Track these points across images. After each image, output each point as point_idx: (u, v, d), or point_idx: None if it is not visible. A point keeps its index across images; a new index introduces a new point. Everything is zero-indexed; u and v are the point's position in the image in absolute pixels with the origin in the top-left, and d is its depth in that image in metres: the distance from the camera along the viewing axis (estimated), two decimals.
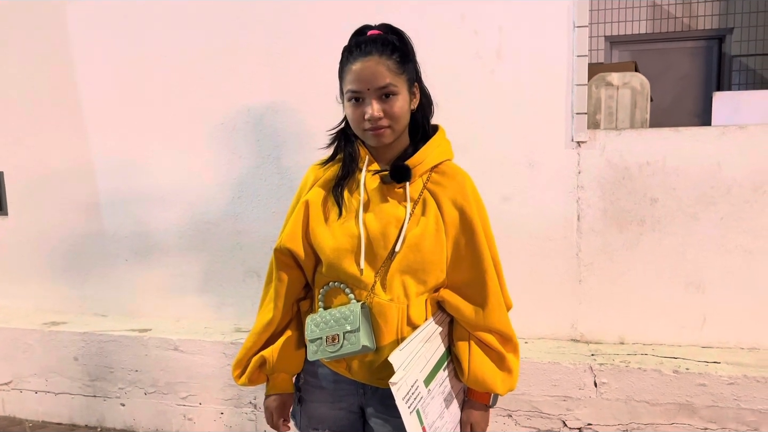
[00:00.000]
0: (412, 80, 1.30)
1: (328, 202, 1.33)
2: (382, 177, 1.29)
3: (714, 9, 5.12)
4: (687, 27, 5.22)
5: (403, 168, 1.27)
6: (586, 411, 2.15)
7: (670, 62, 5.33)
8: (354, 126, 1.28)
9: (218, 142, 2.58)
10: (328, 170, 1.36)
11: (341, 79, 1.29)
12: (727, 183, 2.13)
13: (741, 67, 5.12)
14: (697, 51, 5.35)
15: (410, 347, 1.26)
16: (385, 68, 1.22)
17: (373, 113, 1.22)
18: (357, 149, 1.33)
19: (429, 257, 1.28)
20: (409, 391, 1.22)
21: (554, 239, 2.30)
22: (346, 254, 1.29)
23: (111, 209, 2.76)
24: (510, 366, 1.35)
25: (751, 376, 1.99)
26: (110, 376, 2.66)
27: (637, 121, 2.42)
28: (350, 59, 1.25)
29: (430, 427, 1.26)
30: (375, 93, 1.22)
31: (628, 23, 5.31)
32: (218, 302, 2.71)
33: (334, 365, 1.37)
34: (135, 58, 2.61)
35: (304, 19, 2.40)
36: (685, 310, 2.23)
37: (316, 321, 1.32)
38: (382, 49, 1.24)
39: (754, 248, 2.14)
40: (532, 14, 2.20)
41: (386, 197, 1.30)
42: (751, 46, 5.07)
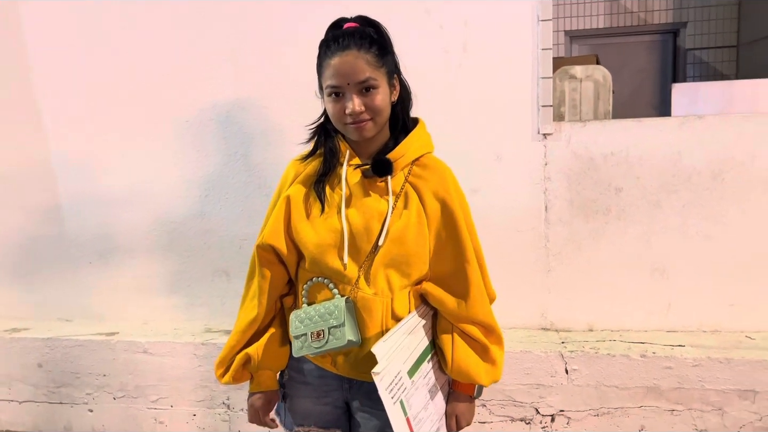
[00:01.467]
0: (391, 72, 1.30)
1: (310, 197, 1.33)
2: (364, 171, 1.29)
3: (668, 4, 5.26)
4: (643, 21, 5.36)
5: (384, 162, 1.28)
6: (558, 398, 2.19)
7: (628, 55, 5.46)
8: (335, 120, 1.28)
9: (184, 140, 2.54)
10: (309, 165, 1.36)
11: (320, 74, 1.28)
12: (687, 171, 2.19)
13: (695, 59, 5.27)
14: (653, 45, 5.50)
15: (393, 339, 1.27)
16: (364, 62, 1.22)
17: (354, 108, 1.22)
18: (337, 144, 1.33)
19: (412, 250, 1.29)
20: (392, 381, 1.23)
21: (523, 230, 2.33)
22: (329, 249, 1.29)
23: (73, 211, 2.69)
24: (494, 357, 1.36)
25: (714, 358, 2.06)
26: (77, 381, 2.60)
27: (600, 113, 2.47)
28: (328, 53, 1.24)
29: (414, 418, 1.27)
30: (355, 87, 1.22)
31: (587, 18, 5.41)
32: (187, 303, 2.66)
33: (319, 360, 1.37)
34: (96, 56, 2.53)
35: (268, 15, 2.38)
36: (650, 296, 2.29)
37: (301, 317, 1.32)
38: (361, 42, 1.23)
39: (713, 234, 2.21)
40: (496, 8, 2.22)
41: (368, 191, 1.30)
42: (704, 39, 5.22)
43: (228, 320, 2.61)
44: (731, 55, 5.17)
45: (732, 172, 2.16)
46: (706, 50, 5.24)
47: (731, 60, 5.18)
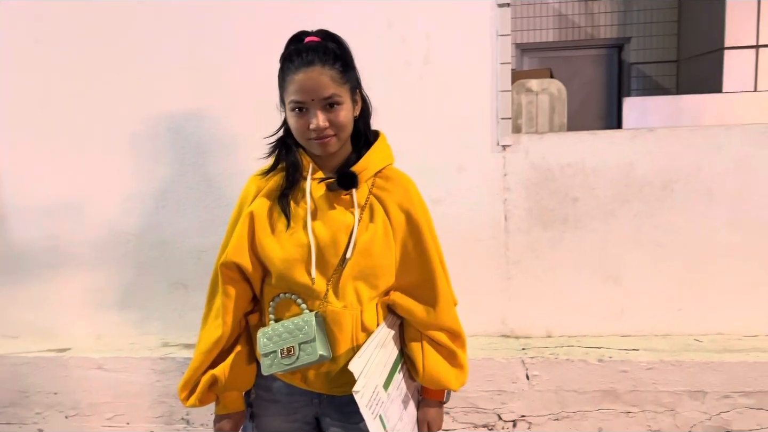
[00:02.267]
0: (354, 88, 1.30)
1: (274, 212, 1.32)
2: (329, 185, 1.29)
3: (613, 19, 5.48)
4: (590, 36, 5.56)
5: (350, 174, 1.28)
6: (520, 403, 2.24)
7: (576, 69, 5.65)
8: (298, 135, 1.28)
9: (138, 149, 2.48)
10: (270, 180, 1.34)
11: (282, 88, 1.28)
12: (639, 182, 2.28)
13: (638, 73, 5.50)
14: (599, 58, 5.71)
15: (367, 354, 1.28)
16: (328, 78, 1.22)
17: (319, 123, 1.21)
18: (299, 158, 1.33)
19: (379, 262, 1.30)
20: (371, 397, 1.24)
21: (483, 239, 2.38)
22: (296, 264, 1.28)
23: (19, 223, 2.58)
24: (461, 362, 1.40)
25: (666, 361, 2.15)
26: (25, 401, 2.49)
27: (555, 125, 2.55)
28: (291, 68, 1.23)
29: (392, 430, 1.28)
30: (320, 103, 1.22)
31: (537, 32, 5.58)
32: (142, 316, 2.59)
33: (288, 377, 1.36)
34: (46, 63, 2.45)
35: (227, 24, 2.35)
36: (604, 303, 2.37)
37: (269, 334, 1.30)
38: (325, 58, 1.23)
39: (664, 242, 2.31)
40: (457, 22, 2.26)
41: (333, 204, 1.30)
42: (647, 54, 5.46)
43: (186, 334, 2.56)
44: (672, 70, 5.42)
45: (680, 182, 2.27)
46: (648, 64, 5.48)
47: (672, 74, 5.42)
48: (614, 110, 5.62)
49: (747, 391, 2.13)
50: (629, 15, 5.44)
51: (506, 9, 2.24)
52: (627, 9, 5.44)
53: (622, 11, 5.45)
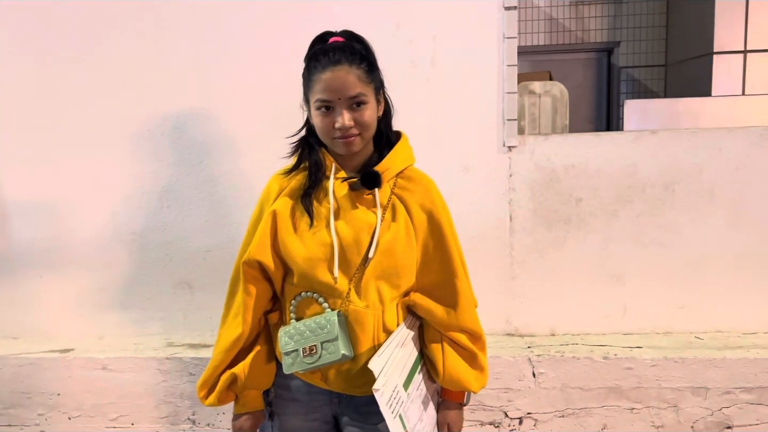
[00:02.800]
0: (378, 88, 1.33)
1: (297, 211, 1.32)
2: (352, 184, 1.30)
3: (603, 23, 5.55)
4: (580, 40, 5.62)
5: (373, 174, 1.29)
6: (526, 401, 2.27)
7: (566, 72, 5.71)
8: (323, 134, 1.29)
9: (143, 148, 2.47)
10: (293, 179, 1.35)
11: (307, 87, 1.29)
12: (642, 183, 2.33)
13: (628, 77, 5.57)
14: (589, 62, 5.77)
15: (387, 353, 1.29)
16: (355, 77, 1.24)
17: (344, 122, 1.23)
18: (322, 157, 1.33)
19: (402, 261, 1.31)
20: (391, 396, 1.25)
21: (488, 239, 2.41)
22: (319, 263, 1.29)
23: (22, 222, 2.56)
24: (482, 363, 1.41)
25: (669, 358, 2.19)
26: (27, 402, 2.46)
27: (558, 126, 2.59)
28: (318, 67, 1.24)
29: (412, 430, 1.29)
30: (346, 102, 1.23)
31: (528, 35, 5.63)
32: (147, 317, 2.58)
33: (308, 376, 1.36)
34: (50, 61, 2.43)
35: (233, 25, 2.36)
36: (608, 301, 2.41)
37: (290, 333, 1.31)
38: (351, 58, 1.25)
39: (665, 242, 2.36)
40: (464, 24, 2.29)
41: (356, 204, 1.31)
42: (636, 58, 5.54)
43: (191, 334, 2.55)
44: (660, 74, 5.50)
45: (682, 183, 2.32)
46: (637, 68, 5.56)
47: (660, 78, 5.50)
48: (603, 114, 5.69)
49: (747, 387, 2.19)
50: (619, 19, 5.51)
51: (513, 12, 2.27)
52: (617, 13, 5.51)
53: (612, 15, 5.52)
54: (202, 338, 2.51)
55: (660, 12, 5.43)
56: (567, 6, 5.53)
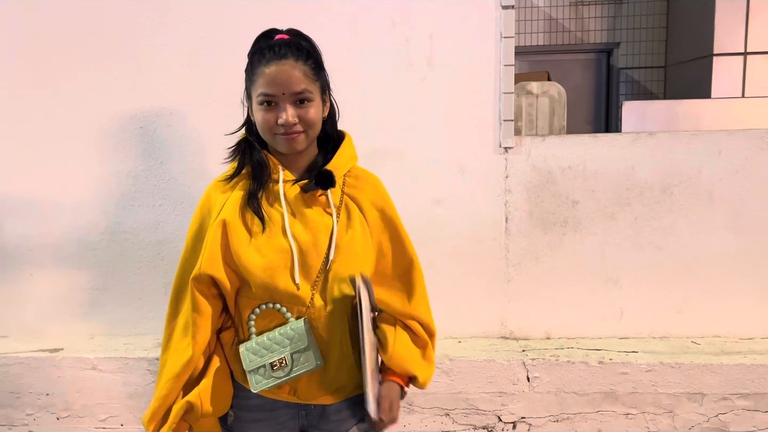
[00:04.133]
0: (324, 88, 1.28)
1: (247, 219, 1.24)
2: (304, 186, 1.25)
3: (603, 24, 5.52)
4: (579, 40, 5.59)
5: (327, 174, 1.24)
6: (520, 405, 2.24)
7: (565, 73, 5.68)
8: (264, 130, 1.23)
9: (136, 147, 2.44)
10: (237, 186, 1.27)
11: (250, 82, 1.24)
12: (640, 185, 2.30)
13: (627, 78, 5.55)
14: (588, 63, 5.75)
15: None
16: (301, 73, 1.20)
17: (288, 118, 1.18)
18: (265, 158, 1.27)
19: (361, 261, 1.27)
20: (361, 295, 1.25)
21: (484, 241, 2.38)
22: (278, 271, 1.22)
23: (11, 220, 2.53)
24: (430, 356, 1.38)
25: (666, 363, 2.16)
26: (16, 402, 2.43)
27: (555, 127, 2.57)
28: (263, 61, 1.20)
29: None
30: (290, 98, 1.19)
31: (527, 35, 5.60)
32: (138, 316, 2.55)
33: (272, 392, 1.29)
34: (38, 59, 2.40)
35: (226, 22, 2.33)
36: (604, 305, 2.38)
37: (254, 349, 1.24)
38: (298, 53, 1.21)
39: (663, 245, 2.33)
40: (461, 24, 2.26)
41: (309, 206, 1.26)
42: (636, 59, 5.51)
43: None
44: (660, 75, 5.48)
45: (680, 186, 2.29)
46: (636, 69, 5.53)
47: (660, 80, 5.48)
48: (602, 115, 5.67)
49: (744, 393, 2.16)
50: (619, 20, 5.49)
51: (510, 11, 2.24)
52: (617, 14, 5.49)
53: (612, 16, 5.50)
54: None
55: (660, 13, 5.41)
56: (566, 6, 5.50)
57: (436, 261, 2.36)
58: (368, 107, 2.29)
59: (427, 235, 2.34)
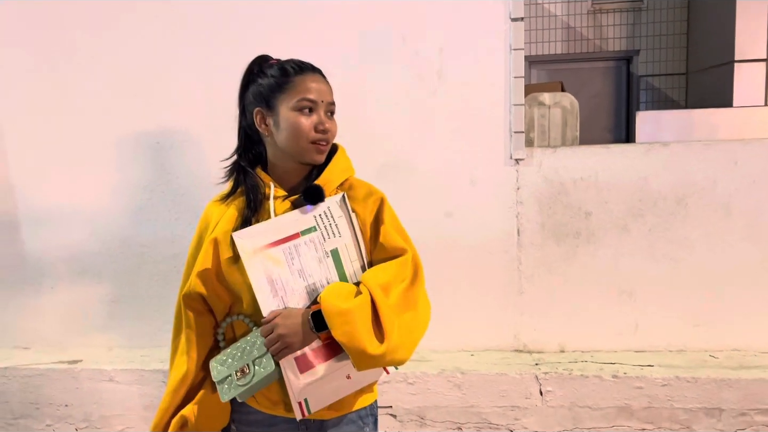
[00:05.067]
0: None
1: None
2: (294, 201, 1.26)
3: (622, 32, 5.49)
4: (598, 48, 5.56)
5: (315, 188, 1.25)
6: (533, 419, 2.22)
7: (584, 81, 5.65)
8: (298, 137, 1.22)
9: (153, 162, 2.49)
10: (231, 205, 1.29)
11: (280, 91, 1.23)
12: (653, 196, 2.28)
13: (647, 86, 5.50)
14: (607, 71, 5.71)
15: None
16: (329, 87, 1.26)
17: (326, 125, 1.22)
18: (258, 179, 1.27)
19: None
20: (336, 219, 1.23)
21: (496, 253, 2.37)
22: None
23: (32, 234, 2.59)
24: (358, 303, 1.17)
25: (682, 377, 2.13)
26: (36, 412, 2.48)
27: (568, 138, 2.55)
28: (297, 72, 1.23)
29: (295, 246, 1.23)
30: (325, 107, 1.24)
31: (545, 44, 5.58)
32: (155, 328, 2.59)
33: (270, 408, 1.30)
34: (59, 76, 2.47)
35: (242, 39, 2.37)
36: (619, 317, 2.35)
37: (221, 360, 1.24)
38: (321, 73, 1.28)
39: (678, 257, 2.30)
40: (470, 37, 2.27)
41: None
42: (656, 66, 5.46)
43: None
44: (681, 82, 5.42)
45: (695, 196, 2.26)
46: (657, 77, 5.48)
47: (681, 87, 5.42)
48: (623, 123, 5.62)
49: (763, 409, 2.11)
50: (638, 27, 5.45)
51: (519, 23, 2.24)
52: (636, 22, 5.45)
53: (632, 24, 5.46)
54: None
55: (680, 20, 5.36)
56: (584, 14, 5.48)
57: (448, 273, 2.36)
58: (379, 121, 2.30)
59: (439, 247, 2.34)
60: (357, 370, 1.18)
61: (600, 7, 5.44)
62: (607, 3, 5.41)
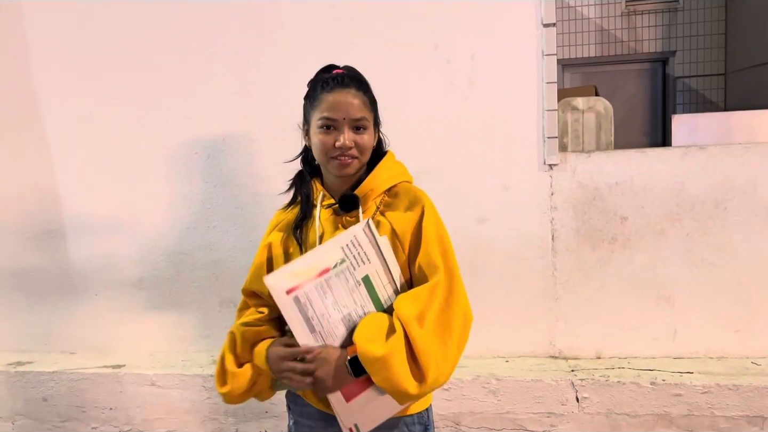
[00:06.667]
0: (376, 122, 1.37)
1: (289, 243, 1.37)
2: (334, 209, 1.34)
3: (657, 33, 5.40)
4: (633, 50, 5.49)
5: (350, 197, 1.32)
6: (569, 426, 2.20)
7: (619, 83, 5.58)
8: (321, 153, 1.30)
9: (191, 171, 2.56)
10: (289, 213, 1.41)
11: (311, 107, 1.32)
12: (690, 200, 2.24)
13: (684, 87, 5.39)
14: (643, 73, 5.62)
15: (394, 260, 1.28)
16: (360, 102, 1.29)
17: (345, 142, 1.26)
18: (312, 187, 1.38)
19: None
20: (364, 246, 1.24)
21: (530, 259, 2.36)
22: None
23: (77, 242, 2.69)
24: (394, 347, 1.18)
25: (723, 385, 2.08)
26: (82, 415, 2.57)
27: (602, 143, 2.53)
28: (326, 89, 1.29)
29: (326, 281, 1.22)
30: (349, 123, 1.28)
31: (579, 47, 5.54)
32: (194, 334, 2.65)
33: (321, 404, 1.35)
34: (102, 87, 2.56)
35: (278, 51, 2.42)
36: (656, 323, 2.32)
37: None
38: (359, 85, 1.31)
39: (717, 261, 2.25)
40: (502, 43, 2.28)
41: (338, 227, 1.33)
42: (693, 67, 5.36)
43: None
44: (719, 83, 5.30)
45: (734, 200, 2.21)
46: (694, 78, 5.37)
47: (719, 88, 5.30)
48: (659, 126, 5.52)
49: None
50: (674, 28, 5.35)
51: (551, 28, 2.24)
52: (672, 22, 5.36)
53: (667, 24, 5.37)
54: None
55: (718, 19, 5.25)
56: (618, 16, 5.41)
57: (482, 280, 2.36)
58: (410, 128, 2.32)
59: (472, 254, 2.34)
60: (400, 405, 1.24)
61: (634, 9, 5.37)
62: (642, 4, 5.34)
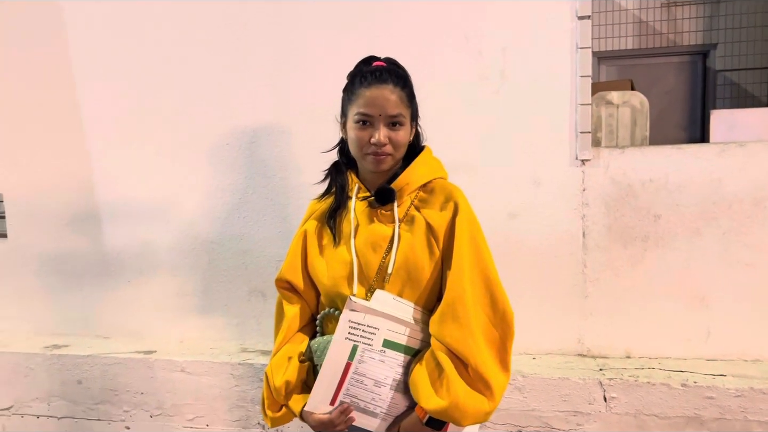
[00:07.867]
0: (414, 116, 1.37)
1: (323, 232, 1.40)
2: (370, 202, 1.35)
3: (698, 25, 5.25)
4: (672, 42, 5.35)
5: (386, 190, 1.32)
6: (596, 426, 2.17)
7: (657, 77, 5.45)
8: (356, 148, 1.32)
9: (223, 161, 2.59)
10: (324, 203, 1.43)
11: (348, 101, 1.33)
12: (728, 199, 2.18)
13: (725, 81, 5.24)
14: (682, 66, 5.48)
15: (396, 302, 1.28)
16: (398, 98, 1.29)
17: (380, 138, 1.27)
18: (347, 178, 1.40)
19: (420, 274, 1.30)
20: (363, 321, 1.25)
21: (560, 255, 2.33)
22: (340, 280, 1.33)
23: (113, 229, 2.75)
24: (448, 384, 1.21)
25: (757, 388, 2.03)
26: (115, 399, 2.64)
27: (637, 138, 2.48)
28: (363, 83, 1.29)
29: (355, 373, 1.25)
30: (385, 120, 1.28)
31: (615, 39, 5.42)
32: (223, 322, 2.70)
33: None
34: (138, 77, 2.61)
35: (310, 43, 2.43)
36: (689, 324, 2.27)
37: (314, 347, 1.36)
38: (396, 80, 1.30)
39: (755, 262, 2.19)
40: (535, 35, 2.24)
41: (373, 219, 1.34)
42: (735, 60, 5.20)
43: (263, 340, 2.64)
44: (763, 77, 5.13)
45: None
46: (736, 72, 5.21)
47: (763, 82, 5.14)
48: (698, 120, 5.38)
49: None
50: (715, 20, 5.20)
51: (586, 21, 2.20)
52: (713, 14, 5.20)
53: (708, 16, 5.21)
54: None
55: (762, 11, 5.08)
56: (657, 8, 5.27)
57: (511, 275, 2.32)
58: (441, 121, 2.30)
59: (502, 249, 2.32)
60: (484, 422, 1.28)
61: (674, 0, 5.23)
62: None
